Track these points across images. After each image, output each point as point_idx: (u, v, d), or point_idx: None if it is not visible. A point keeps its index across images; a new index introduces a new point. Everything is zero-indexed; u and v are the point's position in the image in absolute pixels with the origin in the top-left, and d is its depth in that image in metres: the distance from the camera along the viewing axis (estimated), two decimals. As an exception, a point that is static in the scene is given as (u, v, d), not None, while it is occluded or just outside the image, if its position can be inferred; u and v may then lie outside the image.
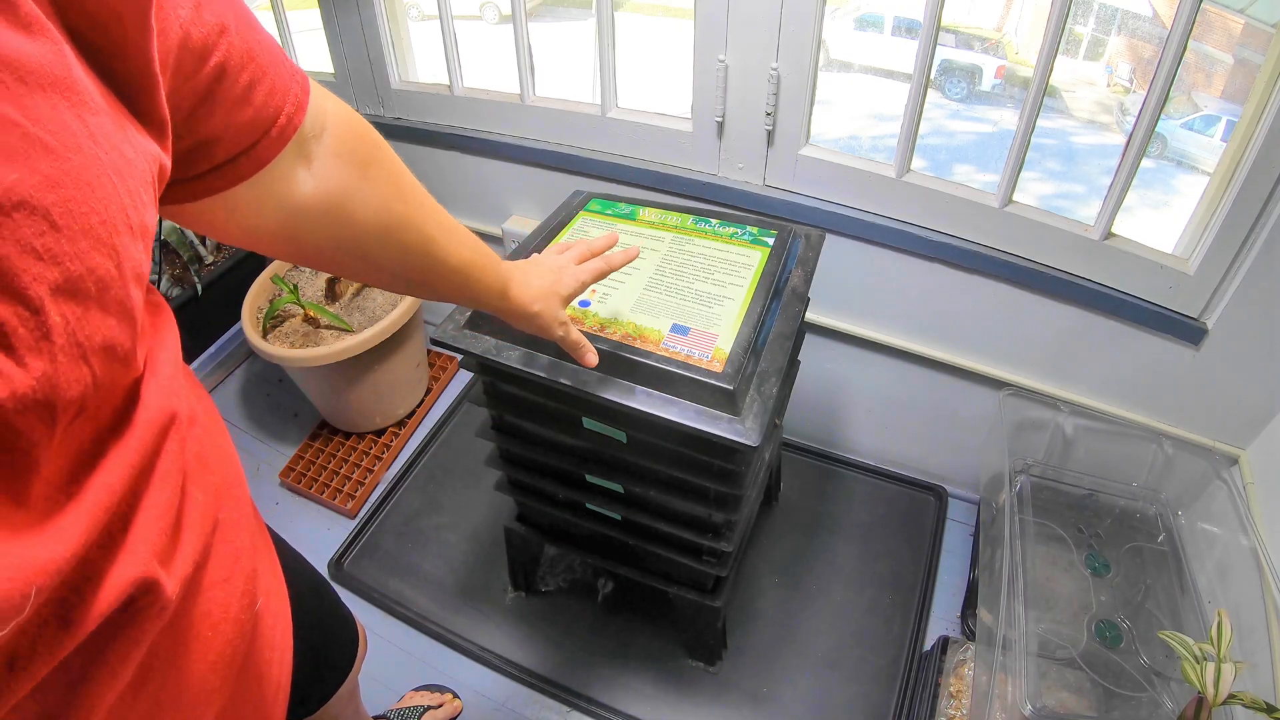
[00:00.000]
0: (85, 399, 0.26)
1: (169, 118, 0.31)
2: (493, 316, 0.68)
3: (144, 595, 0.31)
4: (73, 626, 0.27)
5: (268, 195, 0.42)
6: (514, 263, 0.68)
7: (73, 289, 0.24)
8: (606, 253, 0.75)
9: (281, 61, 0.39)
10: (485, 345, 0.86)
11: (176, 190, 0.37)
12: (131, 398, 0.32)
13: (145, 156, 0.29)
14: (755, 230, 0.99)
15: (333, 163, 0.45)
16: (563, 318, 0.69)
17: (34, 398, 0.23)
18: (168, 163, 0.31)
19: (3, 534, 0.24)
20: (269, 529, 0.56)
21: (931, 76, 1.05)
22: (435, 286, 0.58)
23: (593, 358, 0.73)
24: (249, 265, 1.81)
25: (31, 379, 0.23)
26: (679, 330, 0.83)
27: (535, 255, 0.75)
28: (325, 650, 0.73)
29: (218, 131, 0.36)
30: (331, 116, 0.45)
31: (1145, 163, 0.98)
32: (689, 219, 1.02)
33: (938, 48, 1.01)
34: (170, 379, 0.35)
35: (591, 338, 0.77)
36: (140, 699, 0.33)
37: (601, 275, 0.73)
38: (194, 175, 0.37)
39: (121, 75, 0.29)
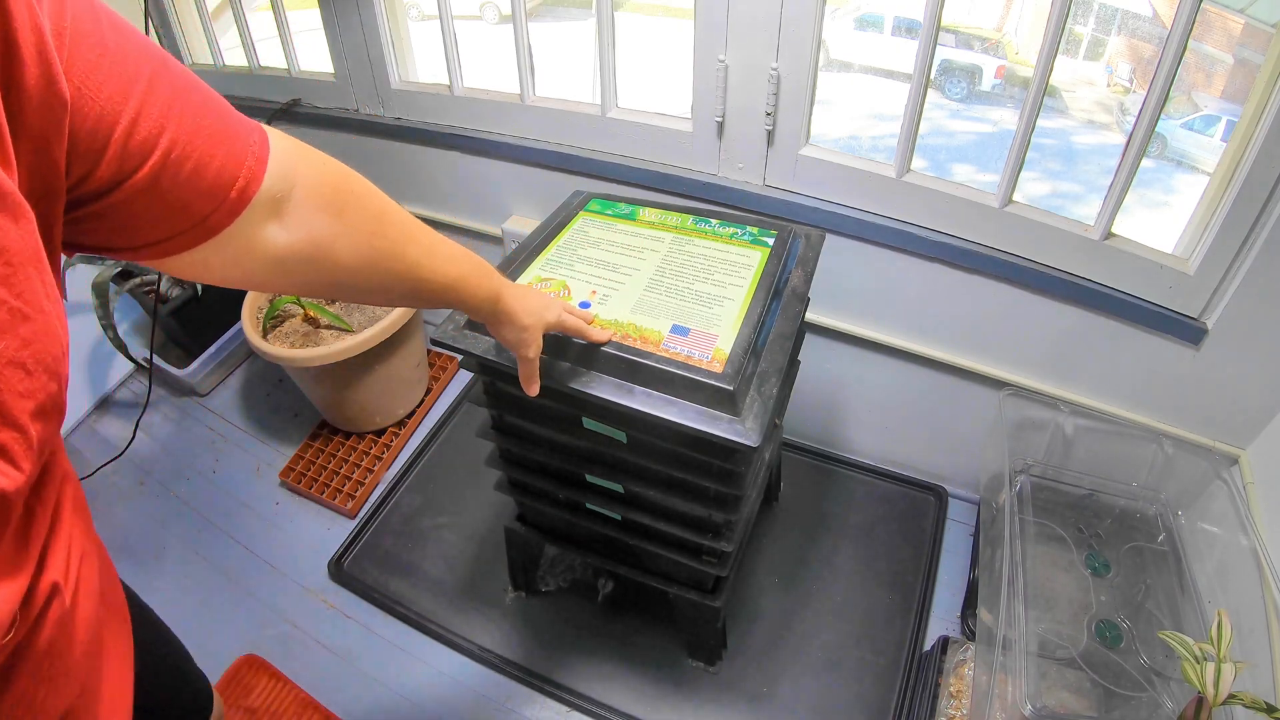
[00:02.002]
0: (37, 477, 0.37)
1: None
2: None
3: (55, 598, 0.41)
4: (16, 630, 0.37)
5: (240, 251, 0.46)
6: (507, 280, 0.73)
7: (41, 412, 0.34)
8: (590, 325, 0.81)
9: (233, 137, 0.43)
10: (485, 345, 0.86)
11: (143, 251, 0.42)
12: (46, 465, 0.42)
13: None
14: (755, 230, 0.99)
15: (306, 215, 0.48)
16: (539, 343, 0.75)
17: (24, 488, 0.33)
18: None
19: None
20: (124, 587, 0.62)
21: (931, 76, 1.05)
22: (426, 301, 0.63)
23: (536, 388, 0.79)
24: (249, 265, 1.81)
25: (24, 477, 0.33)
26: (679, 331, 0.83)
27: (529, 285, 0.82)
28: (162, 700, 0.73)
29: (168, 209, 0.40)
30: (302, 172, 0.48)
31: (1145, 162, 0.98)
32: (689, 219, 1.02)
33: (938, 48, 1.01)
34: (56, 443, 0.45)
35: None
36: (40, 681, 0.41)
37: (577, 332, 0.79)
38: (154, 241, 0.42)
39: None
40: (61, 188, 0.36)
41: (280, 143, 0.47)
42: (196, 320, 1.76)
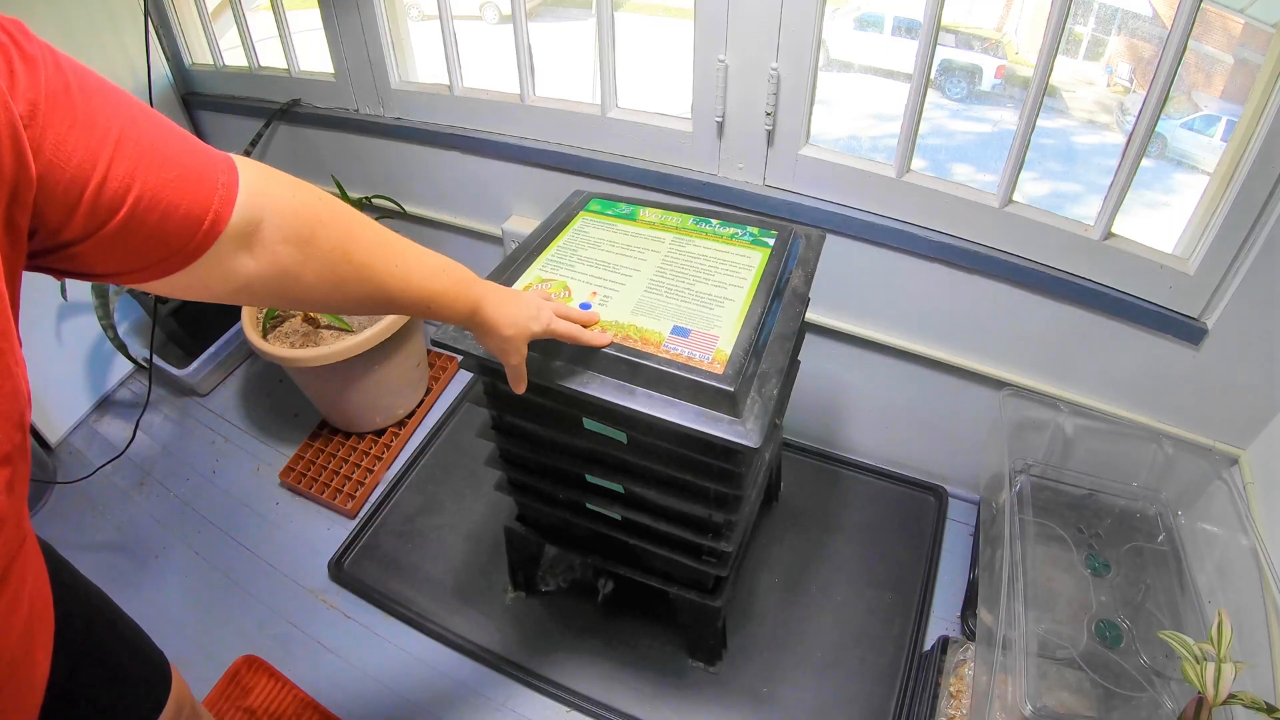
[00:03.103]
0: None
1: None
2: None
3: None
4: None
5: (212, 277, 0.49)
6: (492, 284, 0.74)
7: (7, 459, 0.39)
8: (584, 328, 0.81)
9: (201, 180, 0.46)
10: (485, 346, 0.86)
11: (115, 278, 0.46)
12: None
13: None
14: (755, 230, 0.99)
15: (274, 245, 0.52)
16: (523, 351, 0.76)
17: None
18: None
19: None
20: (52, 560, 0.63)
21: (931, 76, 1.05)
22: (403, 313, 0.65)
23: (523, 387, 0.80)
24: (249, 265, 1.81)
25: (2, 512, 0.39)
26: (679, 332, 0.83)
27: (520, 290, 0.82)
28: (118, 675, 0.71)
29: (138, 250, 0.44)
30: (270, 205, 0.51)
31: (1145, 162, 0.98)
32: (689, 219, 1.02)
33: (938, 48, 1.01)
34: None
35: None
36: None
37: (569, 339, 0.79)
38: (121, 271, 0.45)
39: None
40: (24, 249, 0.40)
41: (250, 176, 0.50)
42: (196, 320, 1.76)
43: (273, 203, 0.51)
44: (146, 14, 1.46)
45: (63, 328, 1.68)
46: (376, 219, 1.66)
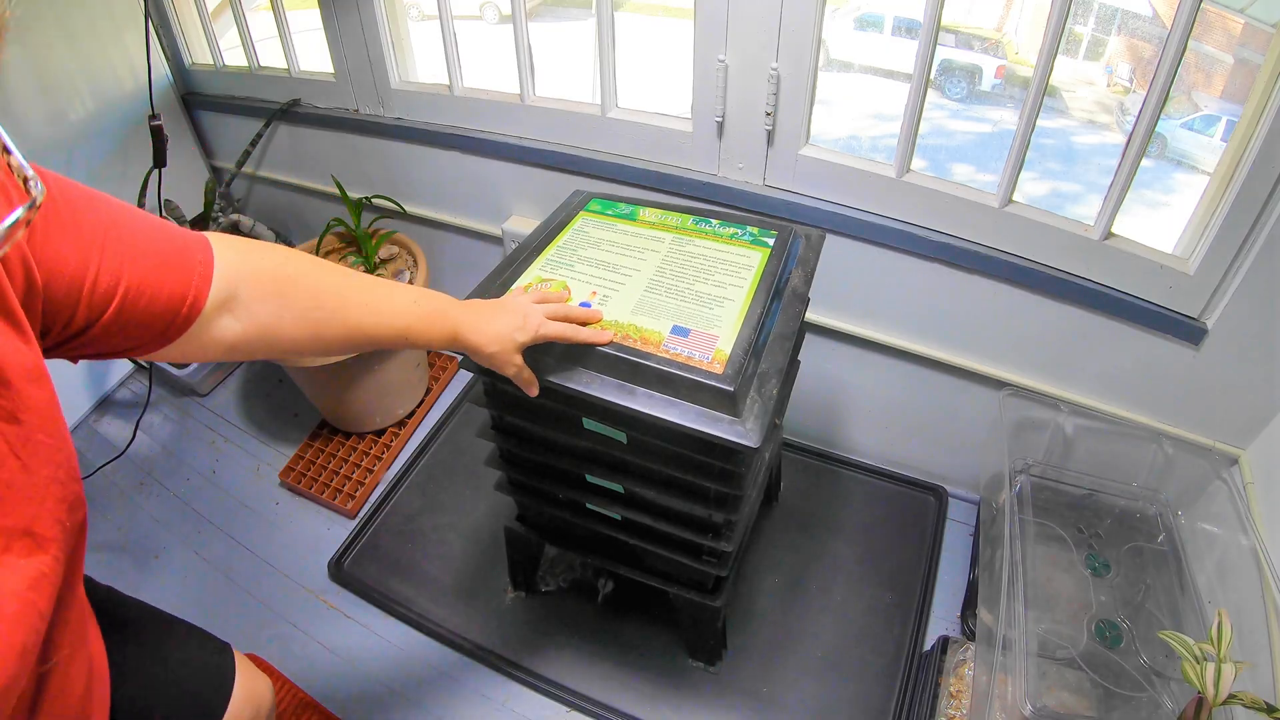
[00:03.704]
0: None
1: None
2: None
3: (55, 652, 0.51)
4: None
5: (205, 343, 0.56)
6: (471, 306, 0.76)
7: (72, 507, 0.48)
8: (581, 328, 0.81)
9: (180, 265, 0.53)
10: (485, 345, 0.86)
11: (118, 355, 0.54)
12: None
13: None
14: (755, 230, 0.99)
15: (252, 306, 0.59)
16: (516, 361, 0.78)
17: (62, 565, 0.46)
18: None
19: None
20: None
21: (931, 76, 1.05)
22: (382, 347, 0.71)
23: (535, 390, 0.82)
24: (249, 265, 1.81)
25: (64, 557, 0.46)
26: (679, 332, 0.83)
27: (505, 297, 0.83)
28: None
29: (134, 331, 0.51)
30: (243, 275, 0.58)
31: (1145, 162, 0.98)
32: (689, 219, 1.02)
33: (938, 47, 1.01)
34: None
35: None
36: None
37: (563, 340, 0.80)
38: (125, 349, 0.53)
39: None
40: (37, 345, 0.46)
41: (224, 252, 0.57)
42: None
43: (245, 271, 0.58)
44: (146, 14, 1.46)
45: (63, 328, 1.68)
46: (375, 219, 1.67)
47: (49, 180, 0.45)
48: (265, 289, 0.59)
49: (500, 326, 0.76)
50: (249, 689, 0.78)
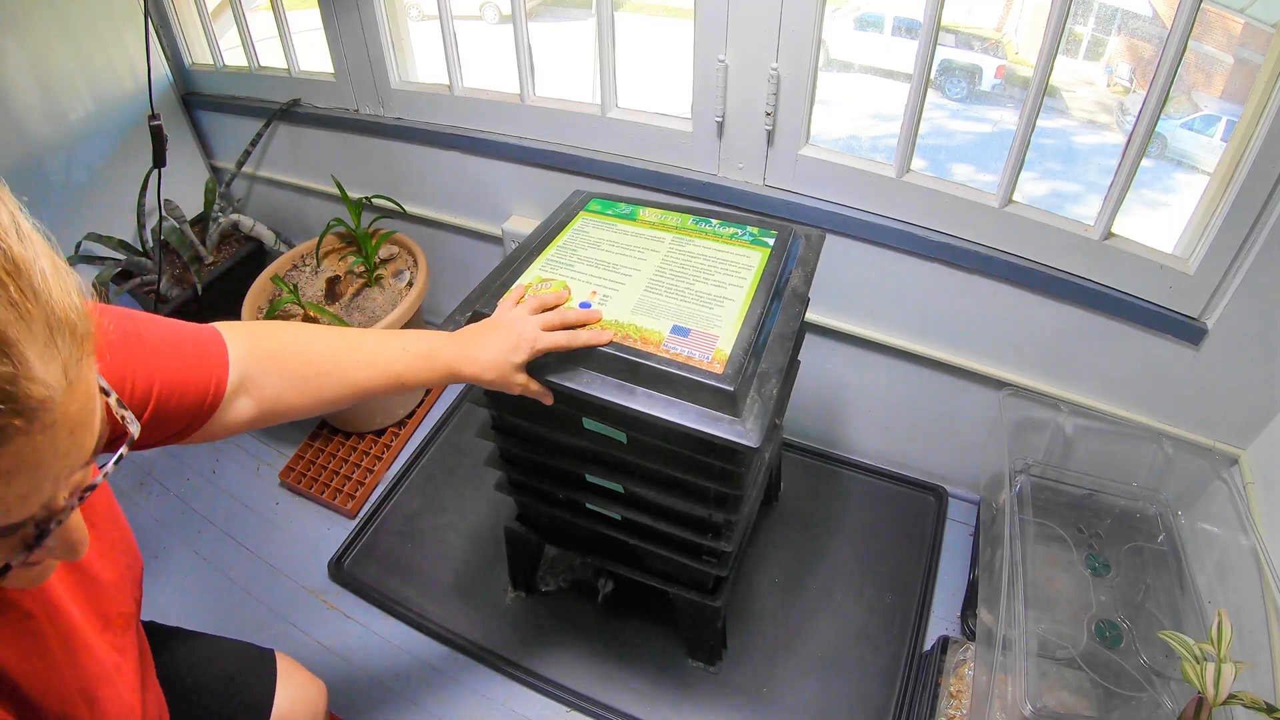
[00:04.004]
0: None
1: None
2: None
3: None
4: None
5: (223, 425, 0.63)
6: (463, 337, 0.78)
7: (138, 585, 0.61)
8: (580, 332, 0.81)
9: (199, 360, 0.59)
10: (485, 345, 0.86)
11: (165, 443, 0.61)
12: None
13: None
14: (755, 230, 0.99)
15: (262, 384, 0.65)
16: (519, 381, 0.79)
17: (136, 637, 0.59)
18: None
19: None
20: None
21: (931, 76, 1.05)
22: (381, 395, 0.74)
23: (549, 400, 0.83)
24: (249, 265, 1.81)
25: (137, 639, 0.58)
26: (679, 332, 0.83)
27: (497, 314, 0.83)
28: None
29: (168, 426, 0.58)
30: (252, 358, 0.64)
31: (1145, 162, 0.98)
32: (689, 219, 1.02)
33: (938, 48, 1.01)
34: None
35: None
36: None
37: (562, 349, 0.80)
38: (158, 442, 0.60)
39: None
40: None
41: (234, 343, 0.62)
42: (196, 320, 1.75)
43: (253, 355, 0.64)
44: (146, 14, 1.46)
45: (63, 328, 1.68)
46: (375, 219, 1.67)
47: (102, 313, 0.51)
48: (271, 367, 0.65)
49: (494, 354, 0.76)
50: (301, 686, 0.87)
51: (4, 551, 0.36)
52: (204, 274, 1.73)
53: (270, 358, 0.65)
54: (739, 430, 0.76)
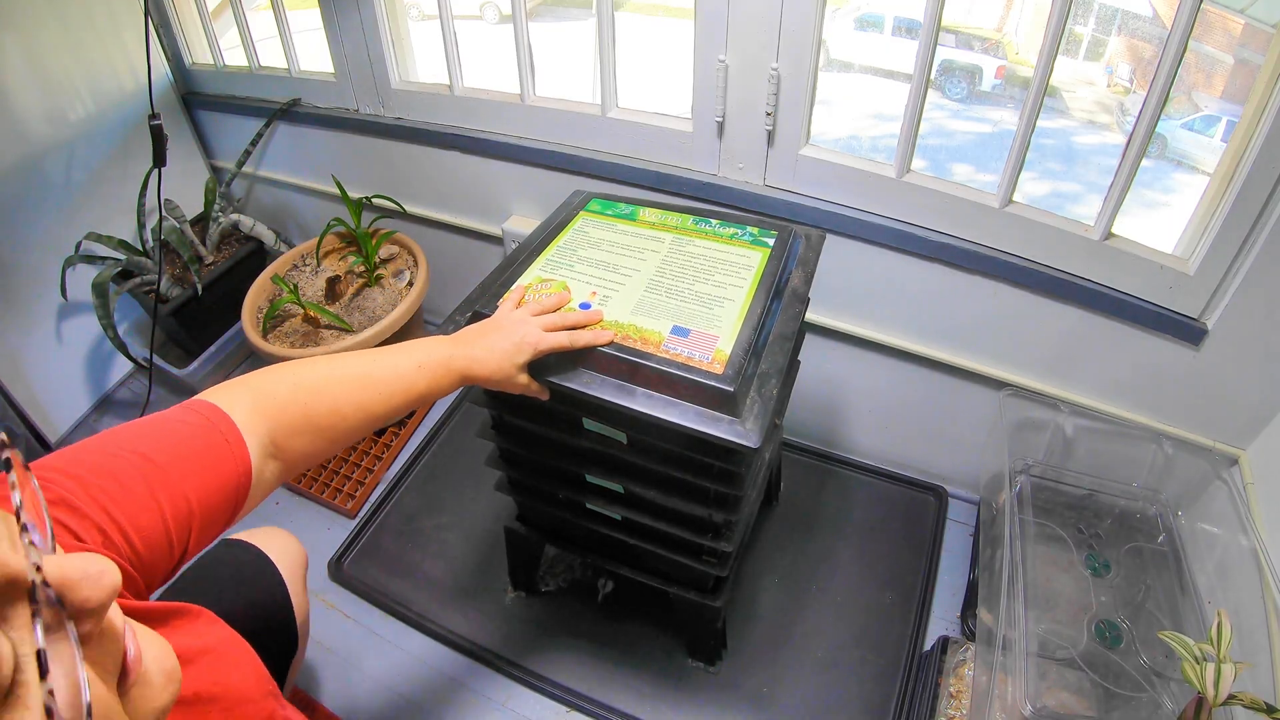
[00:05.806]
0: None
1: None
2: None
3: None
4: None
5: (263, 491, 0.62)
6: (467, 339, 0.79)
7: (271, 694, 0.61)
8: (581, 332, 0.81)
9: (215, 453, 0.56)
10: (485, 345, 0.86)
11: (210, 542, 0.59)
12: None
13: None
14: (755, 231, 0.99)
15: (287, 445, 0.63)
16: (520, 380, 0.80)
17: None
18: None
19: None
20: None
21: (931, 76, 1.05)
22: (403, 415, 0.75)
23: (545, 395, 0.84)
24: (249, 265, 1.81)
25: None
26: (679, 332, 0.83)
27: (498, 315, 0.84)
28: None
29: (220, 521, 0.57)
30: (268, 417, 0.62)
31: (1145, 162, 0.98)
32: (689, 219, 1.02)
33: (938, 48, 1.01)
34: None
35: None
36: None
37: (564, 350, 0.80)
38: (212, 539, 0.58)
39: None
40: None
41: (236, 407, 0.60)
42: (196, 320, 1.76)
43: (266, 414, 0.62)
44: (146, 13, 1.45)
45: (63, 327, 1.68)
46: (376, 219, 1.67)
47: (82, 466, 0.49)
48: (293, 424, 0.64)
49: (498, 356, 0.78)
50: (272, 536, 0.98)
51: None
52: (204, 274, 1.73)
53: (291, 415, 0.64)
54: (739, 431, 0.76)
